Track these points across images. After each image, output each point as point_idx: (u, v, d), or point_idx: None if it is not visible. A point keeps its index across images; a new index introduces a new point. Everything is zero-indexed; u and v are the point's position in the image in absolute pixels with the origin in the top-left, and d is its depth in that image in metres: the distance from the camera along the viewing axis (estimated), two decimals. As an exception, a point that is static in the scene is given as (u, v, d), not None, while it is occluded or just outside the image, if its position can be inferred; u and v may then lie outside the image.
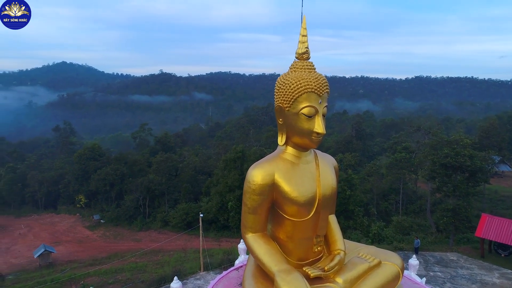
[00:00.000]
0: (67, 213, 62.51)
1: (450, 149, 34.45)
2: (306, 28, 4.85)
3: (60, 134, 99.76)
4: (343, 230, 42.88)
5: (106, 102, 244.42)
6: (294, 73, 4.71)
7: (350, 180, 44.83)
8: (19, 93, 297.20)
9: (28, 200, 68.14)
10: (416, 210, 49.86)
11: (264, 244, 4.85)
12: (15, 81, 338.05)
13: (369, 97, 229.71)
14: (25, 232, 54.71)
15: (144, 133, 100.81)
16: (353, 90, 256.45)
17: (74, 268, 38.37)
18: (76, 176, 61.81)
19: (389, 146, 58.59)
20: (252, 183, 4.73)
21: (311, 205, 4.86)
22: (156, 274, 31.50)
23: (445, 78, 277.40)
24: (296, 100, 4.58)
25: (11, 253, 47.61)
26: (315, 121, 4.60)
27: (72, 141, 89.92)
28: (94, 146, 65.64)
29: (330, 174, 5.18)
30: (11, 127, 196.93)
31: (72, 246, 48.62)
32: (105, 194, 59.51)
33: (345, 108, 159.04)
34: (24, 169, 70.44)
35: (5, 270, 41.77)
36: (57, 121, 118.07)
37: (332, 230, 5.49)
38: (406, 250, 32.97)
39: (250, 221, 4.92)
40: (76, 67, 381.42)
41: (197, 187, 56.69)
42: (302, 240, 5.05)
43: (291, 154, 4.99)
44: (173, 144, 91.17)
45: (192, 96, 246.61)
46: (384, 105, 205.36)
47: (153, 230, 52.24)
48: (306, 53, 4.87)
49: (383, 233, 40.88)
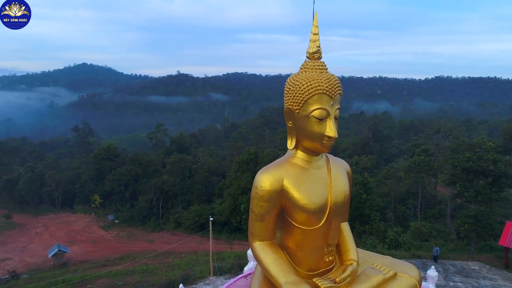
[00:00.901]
0: (83, 213, 63.18)
1: (472, 153, 32.89)
2: (317, 26, 4.62)
3: (78, 134, 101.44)
4: (359, 235, 41.71)
5: (125, 103, 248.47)
6: (304, 74, 4.49)
7: (366, 183, 43.55)
8: (41, 94, 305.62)
9: (46, 199, 69.26)
10: (436, 215, 48.11)
11: (272, 254, 4.60)
12: (38, 82, 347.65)
13: (387, 97, 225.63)
14: (42, 231, 55.49)
15: (160, 133, 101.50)
16: (371, 90, 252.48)
17: (86, 268, 38.46)
18: (92, 176, 62.41)
19: (408, 149, 56.86)
20: (260, 189, 4.50)
21: (322, 212, 4.61)
22: (166, 277, 31.14)
23: (467, 78, 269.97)
24: (306, 102, 4.36)
25: (27, 251, 48.25)
26: (327, 124, 4.35)
27: (89, 141, 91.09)
28: (109, 146, 66.14)
29: (342, 180, 4.91)
30: (34, 127, 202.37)
31: (86, 246, 48.93)
32: (119, 195, 59.84)
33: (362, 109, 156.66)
34: (42, 168, 71.67)
35: (20, 269, 42.30)
36: (77, 121, 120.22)
37: (344, 238, 5.17)
38: (424, 257, 31.59)
39: (257, 229, 4.69)
40: (96, 68, 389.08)
41: (211, 189, 56.34)
42: (313, 250, 4.80)
43: (301, 159, 4.74)
44: (188, 145, 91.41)
45: (208, 97, 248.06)
46: (402, 106, 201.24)
47: (166, 231, 52.13)
48: (317, 53, 4.62)
49: (400, 239, 39.52)
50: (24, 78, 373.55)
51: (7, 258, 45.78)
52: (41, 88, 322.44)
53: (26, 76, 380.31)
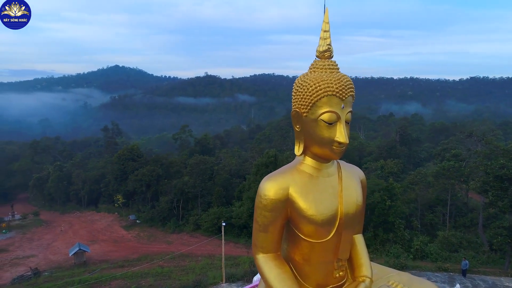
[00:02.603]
0: (107, 212, 64.29)
1: (507, 159, 30.35)
2: (328, 22, 4.27)
3: (106, 134, 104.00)
4: (382, 243, 39.53)
5: (154, 104, 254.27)
6: (313, 74, 4.18)
7: (390, 189, 41.50)
8: (76, 95, 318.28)
9: (72, 198, 71.11)
10: (467, 224, 45.22)
11: (275, 268, 4.30)
12: (73, 84, 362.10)
13: (419, 99, 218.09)
14: (66, 229, 56.81)
15: (185, 134, 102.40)
16: (401, 92, 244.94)
17: (104, 268, 38.73)
18: (115, 176, 63.38)
19: (437, 153, 53.88)
20: (264, 197, 4.22)
21: (331, 224, 4.28)
22: (179, 281, 30.68)
23: (505, 79, 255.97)
24: (314, 105, 4.06)
25: (51, 249, 49.42)
26: (337, 129, 4.03)
27: (115, 141, 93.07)
28: (133, 147, 67.02)
29: (355, 189, 4.54)
30: (68, 126, 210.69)
31: (107, 245, 49.51)
32: (141, 195, 60.38)
33: (391, 111, 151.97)
34: (70, 167, 73.65)
35: (43, 266, 43.28)
36: (108, 121, 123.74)
37: (357, 252, 4.80)
38: (451, 271, 29.44)
39: (260, 240, 4.40)
40: (127, 70, 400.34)
41: (231, 191, 55.72)
42: (321, 264, 4.46)
43: (310, 166, 4.41)
44: (212, 146, 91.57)
45: (235, 98, 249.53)
46: (435, 108, 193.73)
47: (185, 233, 51.96)
48: (328, 51, 4.27)
49: (427, 249, 37.30)
50: (60, 80, 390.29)
51: (32, 255, 47.06)
52: (76, 90, 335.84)
53: (63, 78, 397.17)
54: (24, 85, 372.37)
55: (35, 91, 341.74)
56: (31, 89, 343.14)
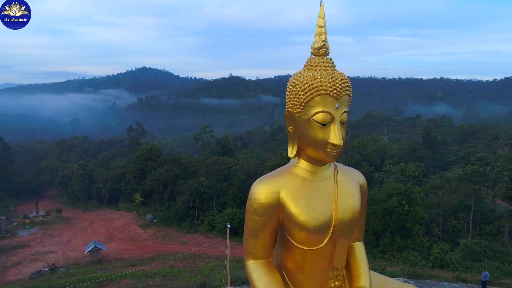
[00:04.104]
0: (126, 211, 65.34)
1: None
2: (324, 17, 4.09)
3: (130, 134, 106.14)
4: (399, 249, 37.91)
5: (179, 104, 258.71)
6: (307, 72, 4.00)
7: (409, 193, 39.77)
8: (105, 96, 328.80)
9: (94, 196, 72.80)
10: (493, 232, 42.67)
11: (264, 275, 4.13)
12: (103, 85, 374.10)
13: (449, 100, 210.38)
14: (86, 226, 58.08)
15: (206, 134, 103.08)
16: (431, 93, 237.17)
17: (117, 267, 39.09)
18: (135, 175, 64.36)
19: (462, 156, 51.32)
20: (254, 201, 4.11)
21: (324, 231, 4.09)
22: (186, 282, 30.50)
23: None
24: (307, 104, 3.89)
25: (70, 246, 50.56)
26: (331, 130, 3.84)
27: (138, 141, 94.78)
28: (151, 147, 67.92)
29: (351, 194, 4.31)
30: (97, 126, 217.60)
31: (123, 244, 50.14)
32: (158, 194, 61.00)
33: (419, 113, 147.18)
34: (93, 166, 75.50)
35: (61, 262, 44.28)
36: (135, 122, 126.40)
37: (356, 261, 4.60)
38: (470, 282, 27.73)
39: (251, 246, 4.27)
40: (154, 72, 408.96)
41: (247, 192, 55.14)
42: (315, 273, 4.28)
43: (304, 169, 4.23)
44: (232, 147, 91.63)
45: (259, 99, 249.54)
46: (466, 109, 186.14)
47: (200, 233, 51.94)
48: (323, 48, 4.09)
49: (447, 257, 35.38)
50: (91, 81, 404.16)
51: (51, 251, 48.29)
52: (105, 91, 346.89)
53: (93, 80, 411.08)
54: (57, 86, 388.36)
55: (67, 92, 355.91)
56: (63, 90, 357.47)
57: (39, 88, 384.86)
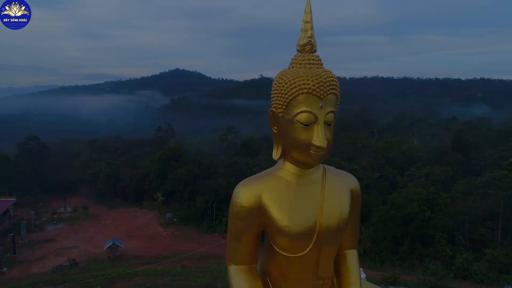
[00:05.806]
0: (148, 209, 66.65)
1: None
2: (310, 12, 3.86)
3: (156, 134, 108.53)
4: (420, 258, 36.02)
5: (210, 105, 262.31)
6: (291, 70, 3.76)
7: (432, 199, 37.71)
8: (140, 97, 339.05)
9: (120, 194, 74.91)
10: (525, 243, 39.70)
11: (244, 282, 3.87)
12: (138, 87, 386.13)
13: (489, 101, 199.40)
14: (109, 223, 59.71)
15: (231, 135, 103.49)
16: (470, 93, 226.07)
17: (132, 264, 39.68)
18: (157, 175, 65.59)
19: (494, 161, 48.19)
20: (235, 204, 3.85)
21: (307, 238, 3.82)
22: (193, 283, 30.40)
23: None
24: (290, 104, 3.62)
25: (92, 242, 52.07)
26: (314, 131, 3.57)
27: (164, 141, 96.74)
28: (174, 147, 68.99)
29: (339, 199, 3.99)
30: (131, 126, 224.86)
31: (143, 241, 51.02)
32: (179, 194, 61.78)
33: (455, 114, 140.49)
34: (119, 165, 77.75)
35: (82, 257, 45.61)
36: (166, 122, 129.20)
37: (347, 270, 4.34)
38: (491, 296, 25.73)
39: (232, 250, 4.00)
40: (187, 73, 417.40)
41: (265, 193, 54.67)
42: (298, 281, 4.00)
43: (289, 172, 3.92)
44: (256, 148, 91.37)
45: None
46: (508, 111, 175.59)
47: (218, 233, 51.98)
48: (309, 44, 3.84)
49: (471, 268, 33.26)
50: (127, 83, 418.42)
51: (74, 246, 49.92)
52: (140, 92, 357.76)
53: (129, 81, 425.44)
54: (96, 88, 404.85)
55: (105, 93, 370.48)
56: (101, 92, 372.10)
57: (79, 89, 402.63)
